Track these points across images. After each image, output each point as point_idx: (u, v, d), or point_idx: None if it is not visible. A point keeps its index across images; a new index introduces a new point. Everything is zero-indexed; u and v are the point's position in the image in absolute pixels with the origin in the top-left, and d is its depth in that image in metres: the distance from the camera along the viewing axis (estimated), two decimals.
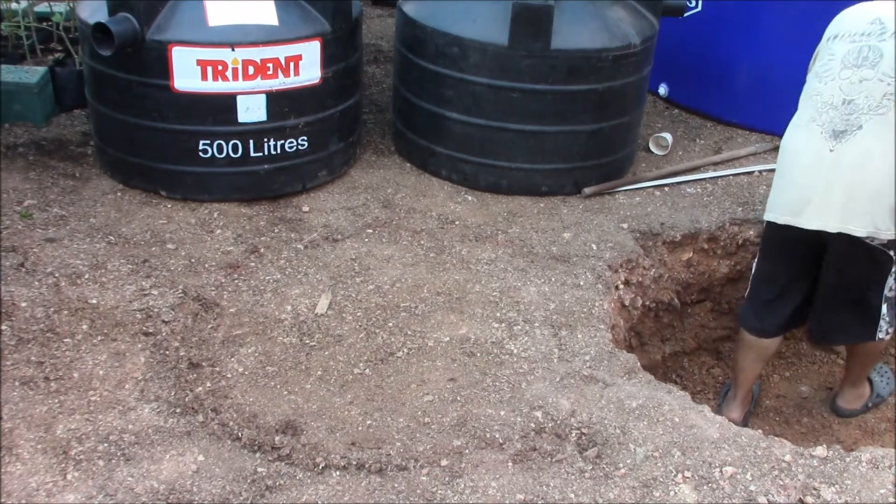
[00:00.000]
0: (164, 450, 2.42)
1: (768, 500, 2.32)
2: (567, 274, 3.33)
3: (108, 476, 2.31)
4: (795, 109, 3.10)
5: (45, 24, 4.40)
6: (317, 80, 3.59)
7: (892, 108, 2.82)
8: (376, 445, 2.49)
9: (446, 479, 2.37)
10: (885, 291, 3.13)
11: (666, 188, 4.04)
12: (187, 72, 3.36)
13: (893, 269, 3.08)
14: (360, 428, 2.56)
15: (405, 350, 2.89)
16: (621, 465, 2.43)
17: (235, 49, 3.36)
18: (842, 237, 2.96)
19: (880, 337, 3.24)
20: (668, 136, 4.41)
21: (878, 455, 2.48)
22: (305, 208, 3.67)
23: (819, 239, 3.03)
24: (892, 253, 3.03)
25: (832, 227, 2.94)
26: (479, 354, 2.88)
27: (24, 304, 2.90)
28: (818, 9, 4.17)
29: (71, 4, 4.39)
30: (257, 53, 3.39)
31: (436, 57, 3.76)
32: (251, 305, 3.05)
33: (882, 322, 3.20)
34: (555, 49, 3.60)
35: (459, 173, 3.93)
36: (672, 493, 2.33)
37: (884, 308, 3.17)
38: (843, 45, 2.94)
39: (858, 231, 2.92)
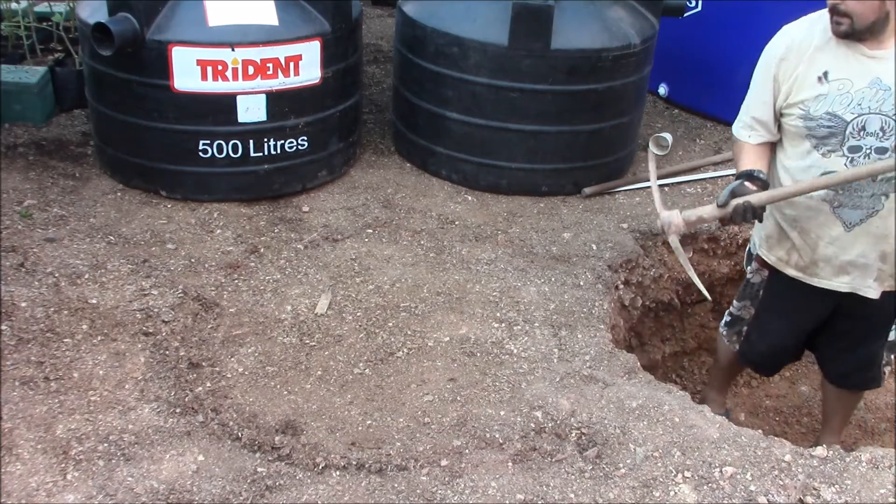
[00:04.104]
0: (164, 450, 2.41)
1: (768, 500, 2.31)
2: (567, 274, 3.33)
3: (108, 476, 2.31)
4: None
5: (45, 24, 4.40)
6: (317, 80, 3.59)
7: None
8: (376, 445, 2.49)
9: (446, 479, 2.37)
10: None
11: (666, 188, 4.04)
12: (187, 72, 3.36)
13: None
14: (360, 428, 2.56)
15: (405, 350, 2.89)
16: (621, 465, 2.42)
17: (235, 49, 3.36)
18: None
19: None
20: (668, 136, 4.39)
21: (878, 455, 2.47)
22: (305, 208, 3.67)
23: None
24: None
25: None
26: (479, 354, 2.88)
27: (24, 304, 2.90)
28: (817, 9, 4.18)
29: (71, 4, 4.39)
30: (257, 53, 3.39)
31: (436, 57, 3.76)
32: (251, 305, 3.05)
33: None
34: (555, 49, 3.60)
35: (459, 173, 3.93)
36: (672, 493, 2.33)
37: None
38: None
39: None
